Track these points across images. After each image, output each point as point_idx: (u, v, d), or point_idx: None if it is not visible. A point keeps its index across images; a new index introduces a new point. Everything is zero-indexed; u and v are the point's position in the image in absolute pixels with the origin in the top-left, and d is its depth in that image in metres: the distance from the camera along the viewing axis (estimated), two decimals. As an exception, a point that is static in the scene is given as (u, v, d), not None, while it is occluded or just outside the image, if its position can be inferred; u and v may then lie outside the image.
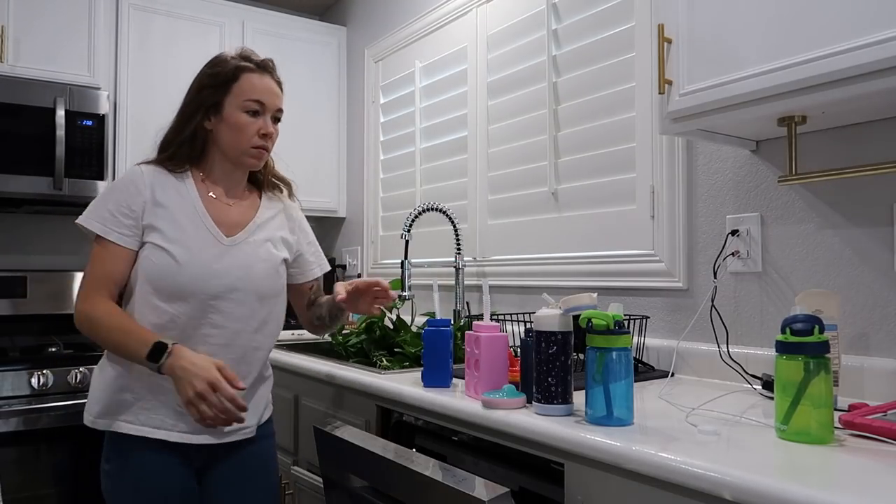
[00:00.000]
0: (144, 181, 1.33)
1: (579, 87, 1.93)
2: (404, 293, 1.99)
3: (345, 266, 3.15)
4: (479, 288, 2.16)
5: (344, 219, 3.18)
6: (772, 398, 1.28)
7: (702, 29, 1.25)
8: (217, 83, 1.33)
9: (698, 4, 1.26)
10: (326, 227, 3.28)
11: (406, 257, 2.04)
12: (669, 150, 1.65)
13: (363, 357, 1.98)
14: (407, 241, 2.05)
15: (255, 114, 1.34)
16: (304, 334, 2.50)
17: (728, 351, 1.49)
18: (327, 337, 2.13)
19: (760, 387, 1.33)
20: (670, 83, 1.29)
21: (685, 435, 1.00)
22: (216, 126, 1.35)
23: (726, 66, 1.20)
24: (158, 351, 1.21)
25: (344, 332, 2.11)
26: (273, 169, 1.50)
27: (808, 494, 0.74)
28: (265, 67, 1.36)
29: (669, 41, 1.30)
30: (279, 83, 1.39)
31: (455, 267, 2.17)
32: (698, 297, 1.59)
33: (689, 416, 1.13)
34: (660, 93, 1.31)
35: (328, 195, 3.12)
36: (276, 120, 1.39)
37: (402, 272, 2.04)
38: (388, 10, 2.88)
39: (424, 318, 1.67)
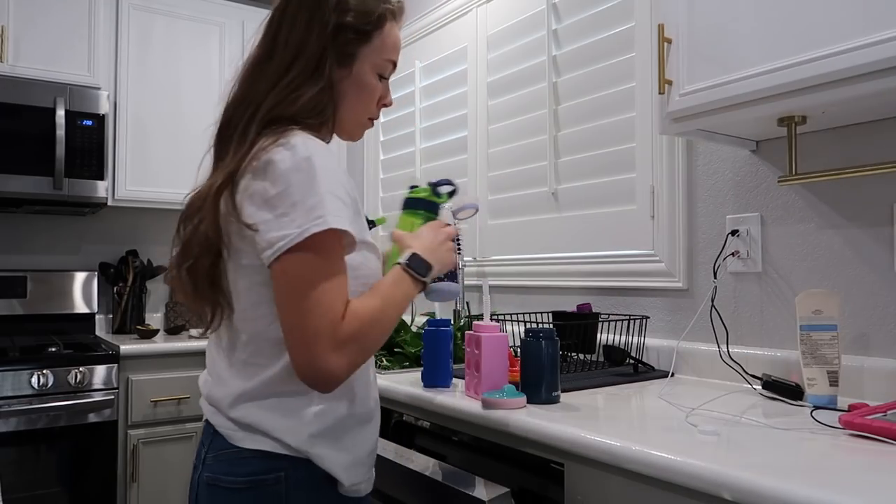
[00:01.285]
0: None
1: (579, 87, 1.93)
2: None
3: (345, 266, 3.10)
4: (479, 288, 2.17)
5: None
6: (772, 398, 1.28)
7: (702, 29, 1.25)
8: (360, 26, 0.99)
9: (698, 4, 1.26)
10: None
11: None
12: (669, 150, 1.65)
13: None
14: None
15: (381, 78, 1.05)
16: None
17: (728, 351, 1.48)
18: None
19: (760, 387, 1.33)
20: (670, 83, 1.29)
21: (685, 435, 1.00)
22: (343, 82, 1.01)
23: (726, 66, 1.20)
24: (414, 270, 1.01)
25: None
26: None
27: (808, 494, 0.74)
28: (402, 13, 1.06)
29: (669, 41, 1.30)
30: None
31: (455, 267, 2.16)
32: (698, 297, 1.59)
33: (689, 417, 1.13)
34: (660, 93, 1.31)
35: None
36: None
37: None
38: (388, 10, 2.88)
39: (424, 318, 1.67)
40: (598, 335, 1.68)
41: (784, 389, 1.27)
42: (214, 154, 1.01)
